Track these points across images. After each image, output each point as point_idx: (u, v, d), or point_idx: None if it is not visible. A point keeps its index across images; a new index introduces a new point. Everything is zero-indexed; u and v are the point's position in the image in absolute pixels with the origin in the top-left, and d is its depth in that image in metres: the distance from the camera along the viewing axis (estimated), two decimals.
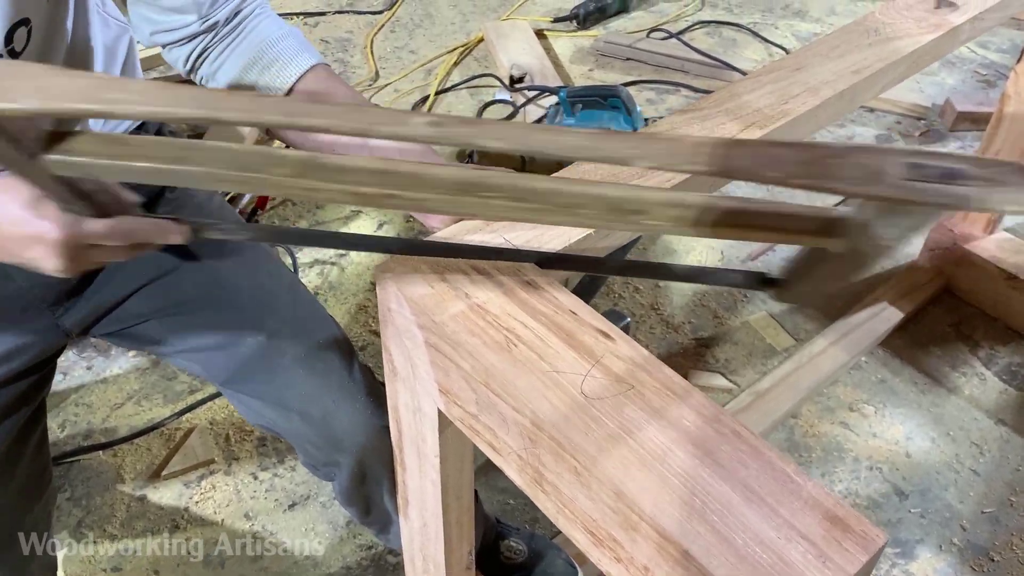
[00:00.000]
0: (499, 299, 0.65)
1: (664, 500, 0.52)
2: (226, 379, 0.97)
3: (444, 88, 2.55)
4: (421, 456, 0.79)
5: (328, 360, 0.95)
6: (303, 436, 0.97)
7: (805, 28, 2.87)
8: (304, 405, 0.94)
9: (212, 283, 0.98)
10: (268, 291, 0.99)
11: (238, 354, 0.95)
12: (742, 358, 1.73)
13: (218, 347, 0.96)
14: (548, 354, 0.61)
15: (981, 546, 1.40)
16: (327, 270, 1.94)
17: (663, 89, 2.55)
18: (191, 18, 0.85)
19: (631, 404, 0.58)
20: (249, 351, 0.94)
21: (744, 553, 0.49)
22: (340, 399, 0.94)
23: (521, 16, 2.92)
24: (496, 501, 1.48)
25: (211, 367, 0.98)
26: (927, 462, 1.53)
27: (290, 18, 2.94)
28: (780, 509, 0.51)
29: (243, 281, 0.99)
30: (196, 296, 0.97)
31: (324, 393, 0.93)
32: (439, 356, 0.66)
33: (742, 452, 0.54)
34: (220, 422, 1.61)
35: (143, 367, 1.71)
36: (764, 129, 0.87)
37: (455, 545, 0.88)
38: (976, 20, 1.09)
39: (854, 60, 0.98)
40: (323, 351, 0.95)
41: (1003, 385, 1.66)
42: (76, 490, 1.50)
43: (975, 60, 2.66)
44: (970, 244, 1.75)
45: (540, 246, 0.71)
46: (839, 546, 0.49)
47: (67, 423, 1.61)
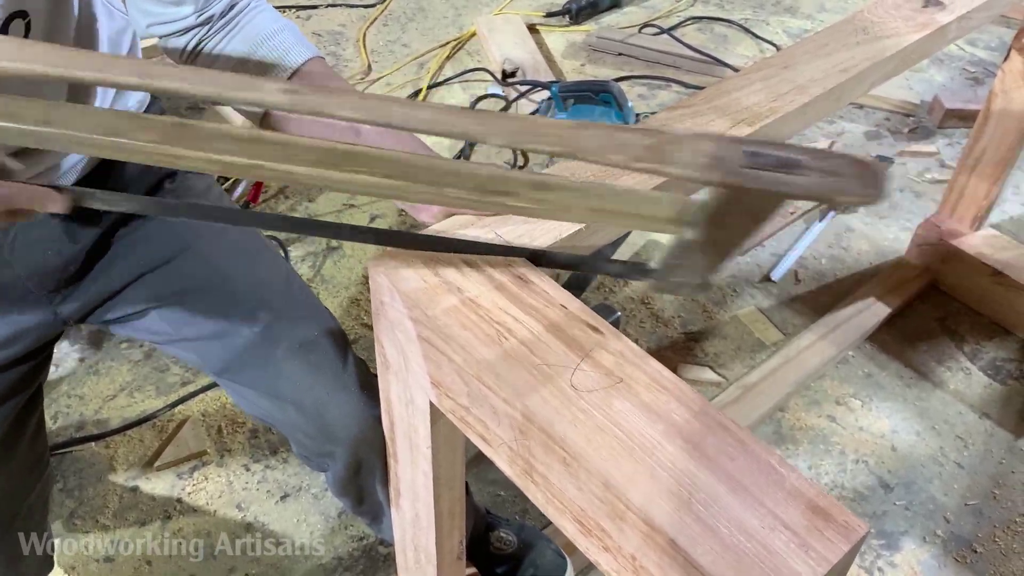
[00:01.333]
0: (491, 293, 0.66)
1: (651, 491, 0.53)
2: (221, 369, 0.98)
3: (437, 82, 2.56)
4: (413, 448, 0.80)
5: (322, 351, 0.96)
6: (297, 426, 0.98)
7: (796, 24, 2.88)
8: (298, 395, 0.95)
9: (209, 273, 0.99)
10: (264, 282, 1.00)
11: (233, 344, 0.96)
12: (731, 352, 1.75)
13: (214, 337, 0.97)
14: (539, 348, 0.62)
15: (965, 538, 1.42)
16: (319, 263, 1.95)
17: (655, 85, 2.56)
18: (188, 10, 0.85)
19: (620, 397, 0.59)
20: (244, 341, 0.95)
21: (729, 542, 0.50)
22: (334, 390, 0.94)
23: (514, 10, 2.93)
24: (487, 493, 1.49)
25: (207, 357, 0.99)
26: (912, 455, 1.55)
27: (283, 11, 2.93)
28: (764, 499, 0.52)
29: (240, 271, 0.99)
30: (193, 286, 0.98)
31: (318, 384, 0.94)
32: (431, 349, 0.67)
33: (728, 444, 0.56)
34: (212, 414, 1.62)
35: (135, 359, 1.72)
36: (753, 126, 0.88)
37: (446, 536, 0.90)
38: (963, 19, 1.10)
39: (842, 58, 0.99)
40: (317, 342, 0.96)
41: (988, 379, 1.68)
42: (68, 481, 1.51)
43: (964, 57, 2.68)
44: (957, 240, 1.77)
45: (531, 241, 0.72)
46: (821, 535, 0.51)
47: (59, 414, 1.61)
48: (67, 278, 0.95)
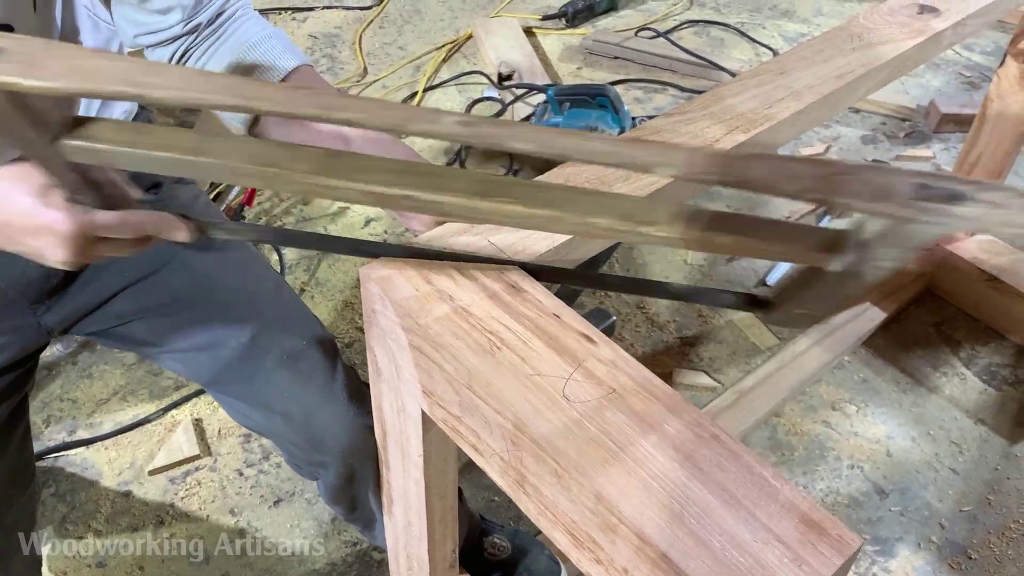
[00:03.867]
0: (483, 302, 0.66)
1: (643, 503, 0.53)
2: (209, 380, 0.97)
3: (432, 85, 2.55)
4: (405, 456, 0.79)
5: (310, 361, 0.95)
6: (286, 437, 0.97)
7: (792, 28, 2.88)
8: (286, 407, 0.94)
9: (197, 284, 0.98)
10: (253, 292, 1.00)
11: (221, 355, 0.95)
12: (726, 357, 1.74)
13: (202, 348, 0.96)
14: (531, 357, 0.62)
15: (959, 544, 1.42)
16: (314, 266, 1.95)
17: (651, 88, 2.56)
18: (174, 19, 0.85)
19: (612, 407, 0.58)
20: (232, 353, 0.95)
21: (721, 556, 0.50)
22: (322, 401, 0.94)
23: (510, 13, 2.93)
24: (481, 498, 1.48)
25: (195, 368, 0.98)
26: (907, 461, 1.55)
27: (279, 13, 2.94)
28: (757, 512, 0.52)
29: (228, 282, 0.99)
30: (180, 297, 0.97)
31: (306, 395, 0.94)
32: (423, 358, 0.66)
33: (721, 456, 0.55)
34: (206, 418, 1.61)
35: (129, 363, 1.71)
36: (748, 133, 0.88)
37: (439, 543, 0.89)
38: (959, 26, 1.10)
39: (837, 65, 0.99)
40: (306, 352, 0.95)
41: (983, 385, 1.68)
42: (61, 486, 1.50)
43: (960, 62, 2.68)
44: (952, 246, 1.77)
45: (524, 248, 0.72)
46: (814, 549, 0.50)
47: (52, 418, 1.60)
48: (50, 289, 0.94)
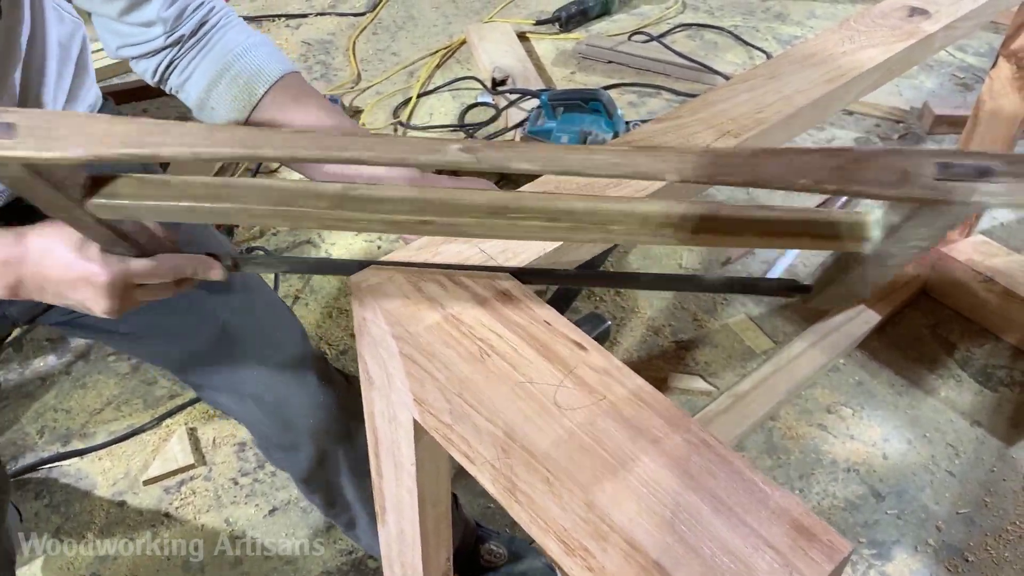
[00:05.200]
0: (474, 310, 0.66)
1: (634, 510, 0.52)
2: (179, 368, 1.00)
3: (426, 90, 2.55)
4: (397, 464, 0.79)
5: (281, 347, 0.97)
6: (259, 420, 0.99)
7: (786, 31, 2.89)
8: (258, 391, 0.96)
9: None
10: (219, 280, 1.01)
11: (191, 343, 0.97)
12: (721, 360, 1.74)
13: (171, 336, 0.97)
14: (522, 365, 0.61)
15: (956, 547, 1.42)
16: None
17: (645, 92, 2.56)
18: (157, 32, 0.84)
19: (603, 415, 0.58)
20: (203, 339, 0.96)
21: (712, 563, 0.50)
22: (293, 383, 0.96)
23: (503, 18, 2.93)
24: (476, 504, 1.48)
25: (164, 357, 1.00)
26: (903, 463, 1.55)
27: (272, 20, 2.94)
28: (748, 518, 0.52)
29: None
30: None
31: (277, 379, 0.96)
32: (414, 367, 0.66)
33: (711, 462, 0.55)
34: (200, 427, 1.61)
35: (122, 372, 1.71)
36: (739, 138, 0.88)
37: (432, 551, 0.89)
38: (949, 28, 1.10)
39: (828, 69, 0.99)
40: (276, 336, 0.98)
41: (978, 387, 1.68)
42: (55, 496, 1.49)
43: (953, 63, 2.69)
44: (947, 247, 1.77)
45: (515, 255, 0.71)
46: (805, 555, 0.50)
47: (46, 428, 1.60)
48: None
